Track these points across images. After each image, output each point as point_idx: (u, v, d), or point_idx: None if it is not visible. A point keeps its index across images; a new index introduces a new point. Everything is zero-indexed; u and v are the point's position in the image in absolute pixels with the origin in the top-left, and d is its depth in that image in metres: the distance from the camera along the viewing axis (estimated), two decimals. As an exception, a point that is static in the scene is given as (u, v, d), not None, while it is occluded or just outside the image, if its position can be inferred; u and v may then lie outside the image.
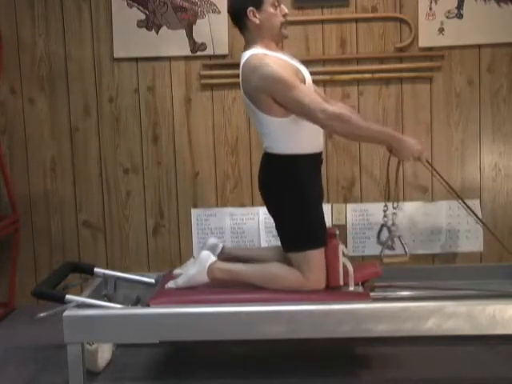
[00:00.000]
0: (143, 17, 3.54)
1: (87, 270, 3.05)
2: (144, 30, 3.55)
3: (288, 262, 2.67)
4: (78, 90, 3.63)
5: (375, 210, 3.58)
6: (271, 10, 2.65)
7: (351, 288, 2.66)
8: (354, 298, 2.62)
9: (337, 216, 3.57)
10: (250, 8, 2.62)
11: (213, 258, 2.72)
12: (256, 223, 3.62)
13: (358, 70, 3.55)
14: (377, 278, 2.81)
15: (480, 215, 3.56)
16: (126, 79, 3.62)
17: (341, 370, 2.80)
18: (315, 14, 3.52)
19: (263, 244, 3.60)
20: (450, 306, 2.49)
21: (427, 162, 2.71)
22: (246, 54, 2.64)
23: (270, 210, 2.75)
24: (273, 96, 2.54)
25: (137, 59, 3.60)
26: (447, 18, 3.47)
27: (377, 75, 3.53)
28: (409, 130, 3.57)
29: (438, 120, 3.57)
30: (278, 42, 2.74)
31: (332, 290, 2.66)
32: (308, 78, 2.68)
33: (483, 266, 3.43)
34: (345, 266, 2.65)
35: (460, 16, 3.46)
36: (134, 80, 3.61)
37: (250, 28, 2.67)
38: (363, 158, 3.60)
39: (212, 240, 2.93)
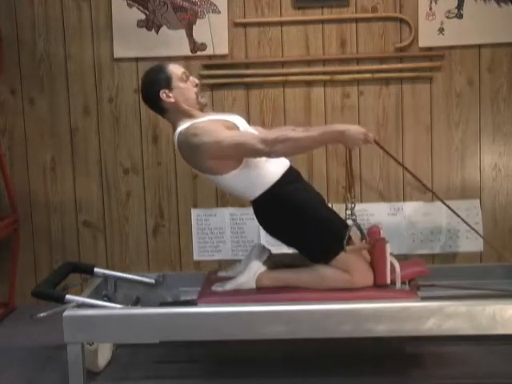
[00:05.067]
0: (143, 17, 3.54)
1: (87, 270, 3.04)
2: (144, 29, 3.55)
3: None
4: (78, 90, 3.63)
5: (375, 210, 3.58)
6: (181, 84, 2.69)
7: (398, 287, 2.64)
8: (402, 297, 2.60)
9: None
10: (162, 90, 2.66)
11: (262, 268, 2.73)
12: (256, 223, 3.58)
13: (358, 70, 3.54)
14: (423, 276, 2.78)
15: (480, 215, 3.57)
16: (126, 79, 3.62)
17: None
18: (315, 14, 3.52)
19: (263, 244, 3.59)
20: (449, 305, 2.48)
21: (376, 142, 2.64)
22: (175, 135, 2.67)
23: (286, 243, 2.76)
24: (215, 157, 2.57)
25: (137, 59, 3.60)
26: (447, 17, 3.47)
27: (377, 75, 3.53)
28: (409, 130, 3.57)
29: (438, 120, 3.57)
30: (201, 109, 2.74)
31: (379, 288, 2.64)
32: (242, 124, 2.70)
33: (483, 266, 3.43)
34: (392, 265, 2.64)
35: (460, 16, 3.46)
36: (134, 80, 3.61)
37: (168, 108, 2.71)
38: (363, 158, 3.59)
39: (259, 246, 2.89)
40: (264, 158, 2.61)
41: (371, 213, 3.60)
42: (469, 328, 2.47)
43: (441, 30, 3.47)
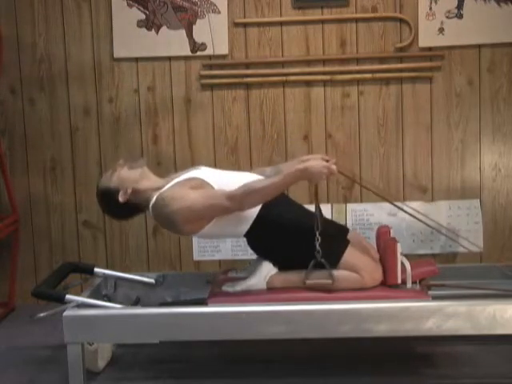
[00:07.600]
0: (143, 17, 3.54)
1: (87, 270, 3.04)
2: (144, 29, 3.55)
3: None
4: (78, 90, 3.63)
5: (375, 210, 3.58)
6: (122, 174, 2.68)
7: (409, 286, 2.63)
8: (413, 297, 2.59)
9: (337, 216, 3.57)
10: (119, 194, 2.65)
11: (274, 270, 2.70)
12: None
13: (358, 70, 3.55)
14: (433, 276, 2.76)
15: (480, 215, 3.57)
16: (126, 79, 3.62)
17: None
18: (315, 14, 3.52)
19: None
20: (449, 305, 2.48)
21: (340, 172, 2.63)
22: (150, 209, 2.65)
23: (294, 266, 2.71)
24: (190, 221, 2.57)
25: (137, 59, 3.60)
26: (447, 17, 3.47)
27: (377, 75, 3.53)
28: (409, 130, 3.57)
29: (437, 120, 3.57)
30: (142, 165, 2.74)
31: (390, 288, 2.63)
32: (210, 176, 2.68)
33: (483, 266, 3.42)
34: (402, 264, 2.63)
35: (460, 16, 3.46)
36: (134, 80, 3.61)
37: (135, 202, 2.68)
38: (363, 157, 3.59)
39: None
40: None
41: (371, 213, 3.60)
42: (469, 328, 2.47)
43: (441, 30, 3.47)
